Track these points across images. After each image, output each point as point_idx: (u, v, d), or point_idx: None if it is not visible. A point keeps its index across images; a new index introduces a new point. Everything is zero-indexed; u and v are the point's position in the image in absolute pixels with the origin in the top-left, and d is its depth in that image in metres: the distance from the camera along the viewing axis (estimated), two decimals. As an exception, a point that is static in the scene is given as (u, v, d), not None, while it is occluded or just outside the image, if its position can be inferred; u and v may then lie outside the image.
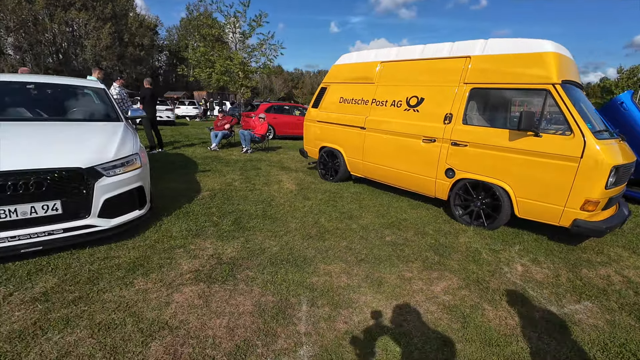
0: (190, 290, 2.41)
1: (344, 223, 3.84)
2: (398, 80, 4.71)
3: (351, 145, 5.30)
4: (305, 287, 2.53)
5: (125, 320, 2.07)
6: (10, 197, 2.48)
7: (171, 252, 2.95)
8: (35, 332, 1.92)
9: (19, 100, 3.71)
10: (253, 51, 14.65)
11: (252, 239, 3.31)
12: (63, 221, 2.73)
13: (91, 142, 3.14)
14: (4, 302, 2.16)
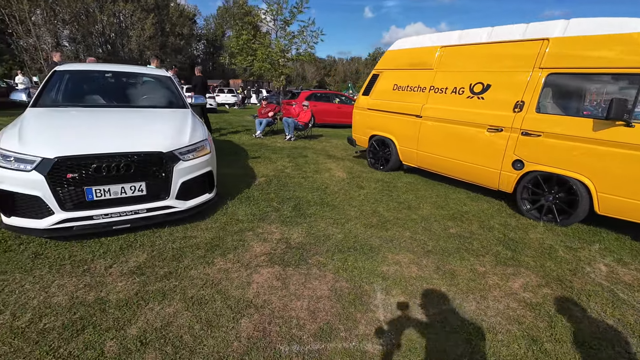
0: (267, 272, 2.51)
1: (403, 213, 3.78)
2: (460, 66, 4.47)
3: (405, 134, 5.16)
4: (377, 275, 2.54)
5: (214, 296, 2.20)
6: (105, 178, 2.69)
7: (241, 234, 3.07)
8: (138, 302, 2.10)
9: (100, 88, 3.99)
10: (294, 38, 14.61)
11: (314, 225, 3.36)
12: (147, 202, 2.93)
13: (167, 128, 3.31)
14: (106, 273, 2.37)
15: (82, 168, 2.62)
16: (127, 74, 4.31)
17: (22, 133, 2.74)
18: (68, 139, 2.73)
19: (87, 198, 2.67)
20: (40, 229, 2.61)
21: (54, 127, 2.94)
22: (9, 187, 2.55)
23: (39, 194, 2.54)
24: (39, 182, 2.52)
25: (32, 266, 2.39)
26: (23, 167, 2.55)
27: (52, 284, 2.22)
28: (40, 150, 2.57)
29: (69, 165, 2.58)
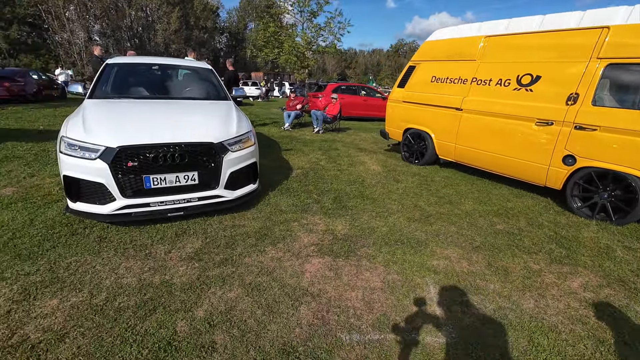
0: (318, 262, 2.55)
1: (445, 208, 3.72)
2: (507, 57, 4.30)
3: (442, 128, 5.04)
4: (427, 269, 2.52)
5: (270, 284, 2.26)
6: (161, 167, 2.80)
7: (288, 225, 3.12)
8: (201, 286, 2.19)
9: (148, 80, 4.13)
10: (320, 30, 14.51)
11: (357, 218, 3.36)
12: (198, 191, 3.02)
13: (215, 119, 3.39)
14: (167, 258, 2.48)
15: (141, 157, 2.74)
16: (172, 67, 4.44)
17: (86, 123, 2.88)
18: (128, 130, 2.86)
19: (145, 186, 2.79)
20: (104, 214, 2.76)
21: (114, 118, 3.08)
22: (76, 174, 2.71)
23: (102, 181, 2.69)
24: (103, 170, 2.66)
25: (99, 249, 2.54)
26: (88, 155, 2.69)
27: (119, 266, 2.35)
28: (104, 140, 2.70)
29: (130, 154, 2.70)
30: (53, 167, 4.46)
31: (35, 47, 44.77)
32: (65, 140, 2.78)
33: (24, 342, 1.69)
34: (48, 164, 4.54)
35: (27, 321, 1.82)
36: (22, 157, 4.76)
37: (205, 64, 4.70)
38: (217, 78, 4.46)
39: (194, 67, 4.49)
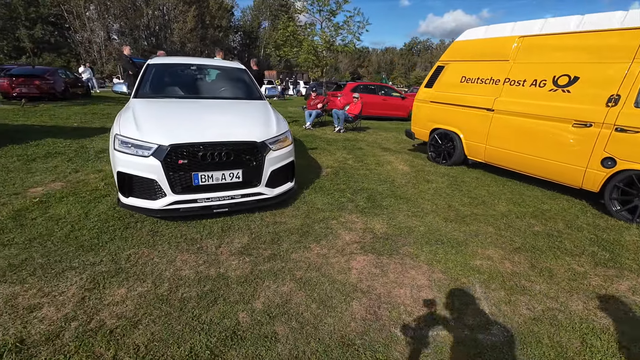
0: (362, 259, 2.61)
1: (480, 209, 3.73)
2: (542, 57, 4.26)
3: (472, 128, 5.03)
4: (471, 269, 2.55)
5: (320, 279, 2.33)
6: (208, 165, 2.91)
7: (327, 222, 3.20)
8: (255, 279, 2.28)
9: (187, 80, 4.27)
10: (338, 29, 14.51)
11: (393, 217, 3.41)
12: (242, 188, 3.12)
13: (256, 119, 3.49)
14: (218, 252, 2.59)
15: (191, 155, 2.85)
16: (208, 67, 4.56)
17: (138, 122, 3.01)
18: (178, 129, 2.98)
19: (193, 183, 2.91)
20: (155, 209, 2.89)
21: (162, 117, 3.21)
22: (129, 170, 2.84)
23: (155, 178, 2.81)
24: (155, 166, 2.78)
25: (154, 242, 2.67)
26: (141, 152, 2.82)
27: (175, 259, 2.47)
28: (156, 138, 2.82)
29: (180, 152, 2.82)
30: (94, 163, 4.65)
31: (57, 45, 46.13)
32: (119, 138, 2.92)
33: (102, 327, 1.81)
34: (89, 160, 4.74)
35: (101, 308, 1.95)
36: (63, 153, 4.98)
37: (239, 64, 4.81)
38: (251, 77, 4.57)
39: (228, 67, 4.61)
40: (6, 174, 3.99)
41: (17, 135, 5.88)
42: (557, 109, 3.98)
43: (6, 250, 2.43)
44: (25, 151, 4.94)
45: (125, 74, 7.68)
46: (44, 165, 4.40)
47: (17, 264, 2.28)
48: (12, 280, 2.12)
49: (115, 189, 3.63)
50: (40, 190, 3.61)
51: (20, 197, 3.38)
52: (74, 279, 2.18)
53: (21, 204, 3.20)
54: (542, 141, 4.15)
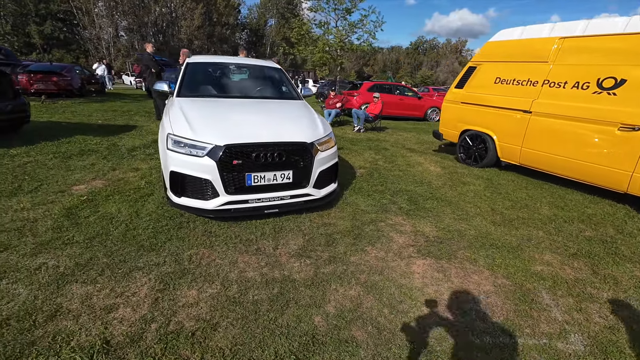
0: (422, 263, 2.59)
1: (524, 212, 3.69)
2: (585, 59, 4.19)
3: (507, 130, 4.97)
4: (533, 274, 2.52)
5: (385, 283, 2.31)
6: (261, 166, 2.90)
7: (376, 224, 3.17)
8: (321, 283, 2.26)
9: (227, 79, 4.26)
10: (353, 28, 14.42)
11: (439, 220, 3.38)
12: (291, 189, 3.11)
13: (302, 119, 3.46)
14: (276, 253, 2.58)
15: (245, 155, 2.83)
16: (246, 66, 4.54)
17: (190, 122, 3.00)
18: (231, 129, 2.96)
19: (246, 183, 2.89)
20: (208, 209, 2.88)
21: (213, 117, 3.19)
22: (183, 170, 2.84)
23: (209, 178, 2.80)
24: (210, 167, 2.77)
25: (211, 243, 2.66)
26: (196, 152, 2.81)
27: (237, 260, 2.46)
28: (211, 138, 2.81)
29: (235, 153, 2.80)
30: (128, 161, 4.66)
31: (66, 42, 46.41)
32: (172, 137, 2.91)
33: (182, 329, 1.81)
34: (123, 158, 4.75)
35: (177, 310, 1.94)
36: (97, 151, 4.99)
37: (275, 64, 4.79)
38: (287, 77, 4.55)
39: (265, 67, 4.58)
40: (47, 171, 4.01)
41: (48, 132, 5.91)
42: (602, 111, 3.92)
43: (69, 249, 2.44)
44: (58, 148, 4.96)
45: (148, 72, 7.69)
46: (81, 163, 4.42)
47: (83, 264, 2.28)
48: (83, 280, 2.12)
49: (157, 188, 3.64)
50: (83, 188, 3.62)
51: (66, 195, 3.39)
52: (142, 279, 2.17)
53: (70, 202, 3.21)
54: (585, 144, 4.09)
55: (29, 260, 2.27)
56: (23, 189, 3.45)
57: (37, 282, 2.07)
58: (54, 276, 2.13)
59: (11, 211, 2.95)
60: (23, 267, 2.20)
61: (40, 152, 4.73)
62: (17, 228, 2.67)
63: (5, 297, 1.94)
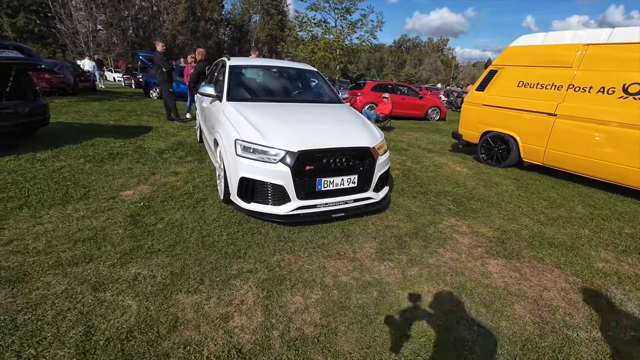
0: (496, 263, 2.72)
1: (562, 211, 3.90)
2: (610, 65, 4.44)
3: (531, 132, 5.20)
4: (597, 271, 2.69)
5: (471, 284, 2.42)
6: (331, 171, 2.95)
7: (435, 226, 3.29)
8: (413, 284, 2.35)
9: (272, 83, 4.26)
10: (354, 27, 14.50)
11: (490, 220, 3.53)
12: (355, 193, 3.17)
13: (357, 124, 3.52)
14: (358, 257, 2.64)
15: (316, 161, 2.88)
16: (287, 69, 4.54)
17: (257, 127, 3.00)
18: (299, 135, 2.98)
19: (316, 188, 2.94)
20: (280, 215, 2.90)
21: (277, 123, 3.18)
22: (255, 176, 2.85)
23: (282, 183, 2.83)
24: (284, 172, 2.80)
25: (290, 248, 2.69)
26: (268, 158, 2.83)
27: (324, 265, 2.50)
28: (283, 144, 2.83)
29: (308, 158, 2.84)
30: (163, 165, 4.58)
31: (41, 36, 44.22)
32: (241, 143, 2.91)
33: (304, 335, 1.85)
34: (157, 162, 4.66)
35: (291, 316, 1.98)
36: (126, 154, 4.87)
37: (310, 67, 4.81)
38: (325, 80, 4.58)
39: (304, 70, 4.60)
40: (86, 176, 3.90)
41: (65, 134, 5.70)
42: (628, 115, 4.18)
43: (155, 258, 2.42)
44: (85, 152, 4.81)
45: (158, 71, 7.49)
46: (117, 167, 4.31)
47: (178, 272, 2.27)
48: (187, 290, 2.12)
49: (208, 192, 3.61)
50: (131, 193, 3.55)
51: (118, 201, 3.32)
52: (243, 287, 2.19)
53: (127, 208, 3.15)
54: (610, 146, 4.35)
55: (121, 271, 2.24)
56: (72, 196, 3.35)
57: (142, 293, 2.06)
58: (157, 286, 2.12)
59: (73, 220, 2.87)
60: (120, 279, 2.17)
61: (68, 156, 4.58)
62: (89, 237, 2.61)
63: (117, 309, 1.92)
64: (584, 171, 4.76)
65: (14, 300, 1.93)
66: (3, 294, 1.97)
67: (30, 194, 3.30)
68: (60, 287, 2.06)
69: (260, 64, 4.40)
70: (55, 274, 2.17)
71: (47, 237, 2.59)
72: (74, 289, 2.05)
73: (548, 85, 5.02)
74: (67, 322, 1.80)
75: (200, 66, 6.77)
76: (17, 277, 2.11)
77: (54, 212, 2.99)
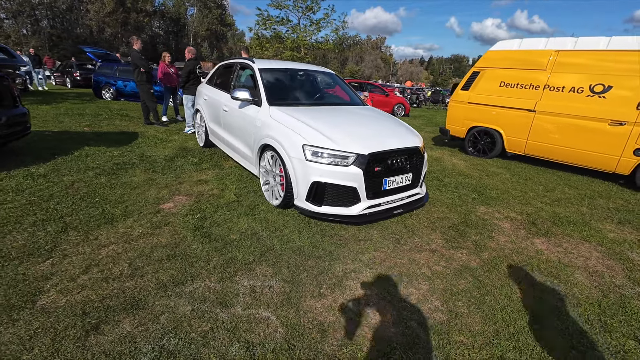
0: (540, 241, 3.16)
1: (557, 194, 4.58)
2: (578, 69, 5.29)
3: (514, 126, 5.95)
4: (612, 241, 3.27)
5: (530, 260, 2.82)
6: (394, 170, 3.15)
7: (474, 215, 3.67)
8: (495, 267, 2.67)
9: (302, 86, 4.27)
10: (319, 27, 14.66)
11: (511, 205, 4.02)
12: (409, 189, 3.42)
13: (398, 124, 3.75)
14: (432, 247, 2.89)
15: (383, 162, 3.05)
16: (311, 72, 4.56)
17: (322, 131, 3.06)
18: (362, 138, 3.12)
19: (382, 188, 3.12)
20: (352, 215, 3.02)
21: (337, 126, 3.26)
22: (328, 179, 2.93)
23: (355, 185, 2.95)
24: (357, 175, 2.93)
25: (375, 246, 2.83)
26: (340, 162, 2.93)
27: (414, 259, 2.70)
28: (353, 147, 2.95)
29: (376, 160, 3.01)
30: (186, 173, 4.34)
31: None
32: (310, 148, 2.96)
33: (441, 321, 2.04)
34: (174, 170, 4.40)
35: (418, 307, 2.16)
36: (134, 164, 4.50)
37: (326, 68, 4.90)
38: (343, 81, 4.73)
39: (326, 72, 4.68)
40: (110, 190, 3.56)
41: (45, 144, 5.01)
42: (595, 111, 5.05)
43: (257, 268, 2.39)
44: (85, 164, 4.32)
45: (136, 71, 6.89)
46: (135, 178, 3.98)
47: (290, 280, 2.29)
48: (311, 295, 2.17)
49: (254, 199, 3.54)
50: (172, 206, 3.36)
51: (168, 214, 3.13)
52: (358, 286, 2.30)
53: (185, 222, 3.01)
54: (581, 136, 5.21)
55: (233, 285, 2.20)
56: (112, 213, 3.07)
57: (271, 303, 2.06)
58: (280, 295, 2.13)
59: (135, 239, 2.67)
60: (239, 292, 2.13)
61: (70, 169, 4.08)
62: (171, 255, 2.47)
63: (259, 322, 1.91)
64: (560, 158, 5.61)
65: (145, 328, 1.81)
66: (128, 323, 1.83)
67: (63, 215, 2.95)
68: (185, 308, 1.97)
69: (286, 67, 4.37)
70: (169, 296, 2.05)
71: (123, 259, 2.39)
72: (200, 308, 1.98)
73: (527, 85, 5.79)
74: (220, 342, 1.76)
75: (191, 65, 6.38)
76: (129, 304, 1.96)
77: (107, 233, 2.74)
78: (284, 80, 4.22)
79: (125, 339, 1.73)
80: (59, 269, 2.22)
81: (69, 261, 2.32)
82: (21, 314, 1.82)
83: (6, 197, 3.19)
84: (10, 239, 2.51)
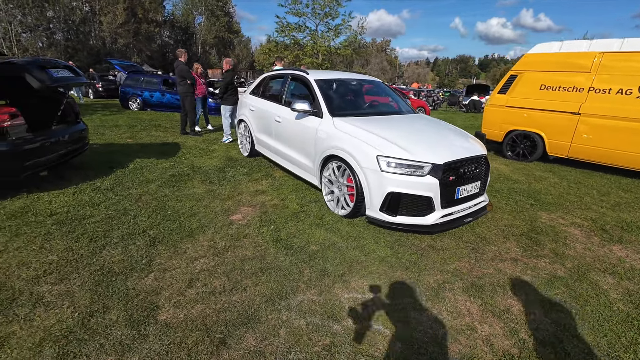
0: (617, 248, 3.12)
1: (614, 198, 4.51)
2: (626, 70, 5.22)
3: (556, 129, 5.89)
4: (688, 246, 3.24)
5: (617, 269, 2.78)
6: (465, 179, 3.16)
7: (539, 222, 3.64)
8: (582, 275, 2.64)
9: (357, 95, 4.32)
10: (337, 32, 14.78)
11: (572, 211, 3.97)
12: (476, 197, 3.41)
13: (462, 133, 3.77)
14: (512, 256, 2.87)
15: (456, 171, 3.07)
16: (361, 81, 4.61)
17: (395, 142, 3.09)
18: (433, 147, 3.14)
19: (455, 196, 3.12)
20: (427, 225, 3.03)
21: (407, 136, 3.29)
22: (404, 189, 2.95)
23: (431, 195, 2.97)
24: (433, 184, 2.94)
25: (456, 255, 2.84)
26: (416, 172, 2.95)
27: (500, 268, 2.69)
28: (428, 157, 2.97)
29: (451, 169, 3.02)
30: (240, 183, 4.42)
31: (-49, 41, 38.18)
32: (385, 159, 2.99)
33: (549, 332, 2.03)
34: (230, 181, 4.48)
35: (519, 318, 2.15)
36: (187, 175, 4.61)
37: (373, 77, 4.94)
38: (390, 89, 4.77)
39: (376, 81, 4.73)
40: (178, 203, 3.64)
41: (98, 157, 5.15)
42: (645, 112, 4.97)
43: (354, 280, 2.42)
44: (144, 176, 4.43)
45: (182, 82, 7.02)
46: (195, 190, 4.06)
47: (389, 294, 2.31)
48: (415, 308, 2.18)
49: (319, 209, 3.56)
50: (240, 217, 3.42)
51: (242, 226, 3.19)
52: (455, 297, 2.31)
53: (261, 234, 3.06)
54: (631, 138, 5.13)
55: (340, 298, 2.23)
56: (188, 226, 3.14)
57: (387, 318, 2.08)
58: (390, 307, 2.15)
59: (222, 252, 2.72)
60: (349, 306, 2.15)
61: (133, 182, 4.19)
62: (263, 268, 2.52)
63: (375, 335, 1.93)
64: (607, 160, 5.53)
65: (269, 342, 1.84)
66: (251, 337, 1.87)
67: (145, 229, 3.03)
68: (299, 321, 2.01)
69: (339, 77, 4.42)
70: (278, 310, 2.10)
71: (220, 272, 2.45)
72: (313, 322, 2.01)
73: (569, 88, 5.73)
74: (345, 356, 1.78)
75: (229, 76, 6.49)
76: (245, 318, 2.01)
77: (192, 246, 2.80)
78: (339, 91, 4.27)
79: (254, 353, 1.77)
80: (164, 284, 2.28)
81: (170, 275, 2.38)
82: (149, 329, 1.88)
83: (85, 211, 3.29)
84: (107, 254, 2.59)
